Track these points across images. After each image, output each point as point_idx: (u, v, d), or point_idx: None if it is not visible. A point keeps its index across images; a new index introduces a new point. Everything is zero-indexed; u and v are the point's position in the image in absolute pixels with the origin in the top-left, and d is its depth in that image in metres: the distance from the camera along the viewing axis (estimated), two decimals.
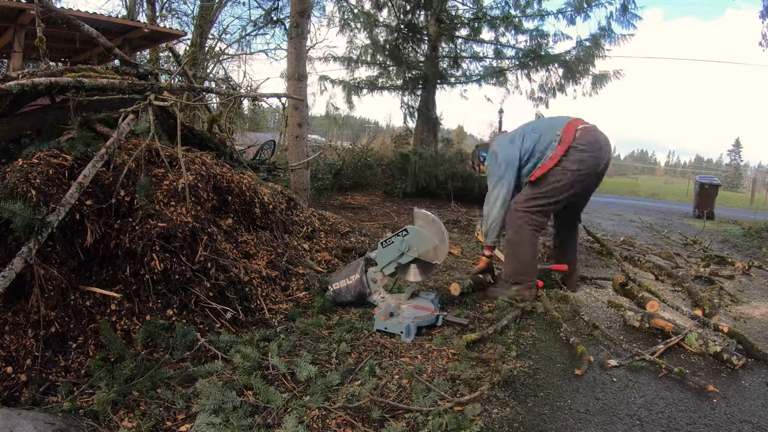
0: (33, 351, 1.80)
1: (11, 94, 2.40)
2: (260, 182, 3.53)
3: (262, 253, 2.93)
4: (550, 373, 2.08)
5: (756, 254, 5.33)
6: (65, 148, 2.39)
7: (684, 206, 12.54)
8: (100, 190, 2.34)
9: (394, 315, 2.43)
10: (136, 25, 7.41)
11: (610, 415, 1.76)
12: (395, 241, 2.55)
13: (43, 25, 2.92)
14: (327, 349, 2.16)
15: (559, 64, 9.47)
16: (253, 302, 2.54)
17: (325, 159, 8.99)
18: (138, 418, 1.56)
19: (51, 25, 3.69)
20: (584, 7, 8.96)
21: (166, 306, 2.22)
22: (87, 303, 2.07)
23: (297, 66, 5.75)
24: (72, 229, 2.17)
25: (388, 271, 2.62)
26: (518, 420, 1.70)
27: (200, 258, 2.39)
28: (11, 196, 1.99)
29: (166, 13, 12.12)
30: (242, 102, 10.78)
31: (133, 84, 2.92)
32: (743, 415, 1.79)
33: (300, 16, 5.72)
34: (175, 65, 5.89)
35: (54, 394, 1.70)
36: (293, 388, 1.79)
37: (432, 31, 9.82)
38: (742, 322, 2.89)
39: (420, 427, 1.61)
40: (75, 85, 2.61)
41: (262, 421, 1.57)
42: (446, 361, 2.13)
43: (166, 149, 2.76)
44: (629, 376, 2.07)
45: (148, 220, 2.34)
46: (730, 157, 57.12)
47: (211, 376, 1.83)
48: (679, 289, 3.46)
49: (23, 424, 1.37)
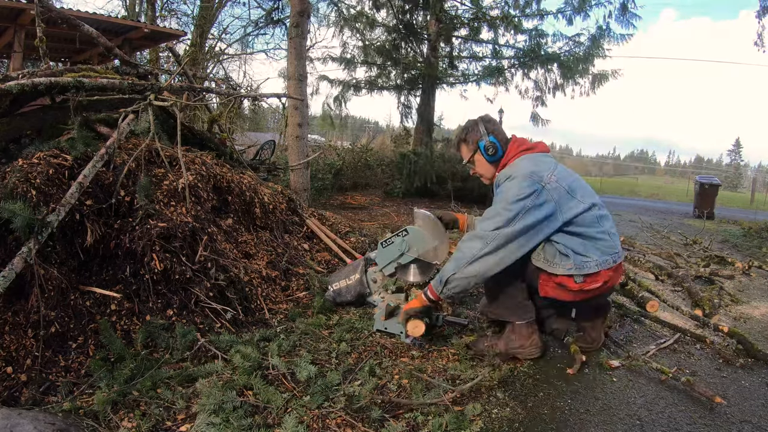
0: (33, 351, 1.80)
1: (11, 94, 2.40)
2: (260, 182, 3.53)
3: (262, 253, 2.93)
4: (550, 373, 2.08)
5: (756, 254, 5.33)
6: (65, 148, 2.39)
7: (684, 206, 12.55)
8: (100, 190, 2.34)
9: (394, 315, 2.43)
10: (136, 25, 7.42)
11: (610, 415, 1.76)
12: (395, 242, 2.55)
13: (43, 25, 2.92)
14: (327, 349, 2.16)
15: (558, 64, 9.49)
16: (253, 302, 2.54)
17: (325, 159, 8.99)
18: (138, 418, 1.56)
19: (51, 25, 3.69)
20: (583, 6, 8.97)
21: (166, 306, 2.22)
22: (87, 303, 2.07)
23: (297, 66, 5.75)
24: (72, 229, 2.17)
25: (388, 272, 2.62)
26: (518, 420, 1.70)
27: (200, 258, 2.39)
28: (11, 196, 1.99)
29: (166, 13, 12.13)
30: (242, 102, 10.78)
31: (133, 84, 2.92)
32: (743, 415, 1.79)
33: (300, 16, 5.72)
34: (175, 65, 5.89)
35: (54, 394, 1.70)
36: (293, 388, 1.79)
37: (431, 31, 9.82)
38: (742, 322, 2.90)
39: (420, 427, 1.61)
40: (75, 85, 2.61)
41: (262, 421, 1.57)
42: (446, 361, 2.13)
43: (166, 149, 2.76)
44: (629, 376, 2.07)
45: (148, 220, 2.34)
46: (730, 157, 57.13)
47: (211, 376, 1.83)
48: (679, 289, 3.46)
49: (23, 424, 1.37)
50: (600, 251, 2.02)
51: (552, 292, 2.09)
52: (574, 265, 2.00)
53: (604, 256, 2.02)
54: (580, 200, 2.04)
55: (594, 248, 2.02)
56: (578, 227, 2.03)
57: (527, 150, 2.17)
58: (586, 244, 2.02)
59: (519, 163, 2.11)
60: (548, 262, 2.04)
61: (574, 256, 2.01)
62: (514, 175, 2.05)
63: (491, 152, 2.19)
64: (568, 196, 2.03)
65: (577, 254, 2.01)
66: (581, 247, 2.02)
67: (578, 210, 2.02)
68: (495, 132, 2.22)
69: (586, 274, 2.00)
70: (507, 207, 1.99)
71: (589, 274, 2.01)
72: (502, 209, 2.01)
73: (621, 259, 2.11)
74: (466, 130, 2.30)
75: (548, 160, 2.15)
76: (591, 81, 9.70)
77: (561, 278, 2.04)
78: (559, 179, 2.04)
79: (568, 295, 2.07)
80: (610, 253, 2.04)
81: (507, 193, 2.02)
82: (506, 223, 1.98)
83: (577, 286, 2.02)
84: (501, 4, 9.70)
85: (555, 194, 2.01)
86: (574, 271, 2.00)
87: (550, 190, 2.00)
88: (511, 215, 1.97)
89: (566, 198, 2.03)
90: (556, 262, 2.03)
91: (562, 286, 2.05)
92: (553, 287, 2.07)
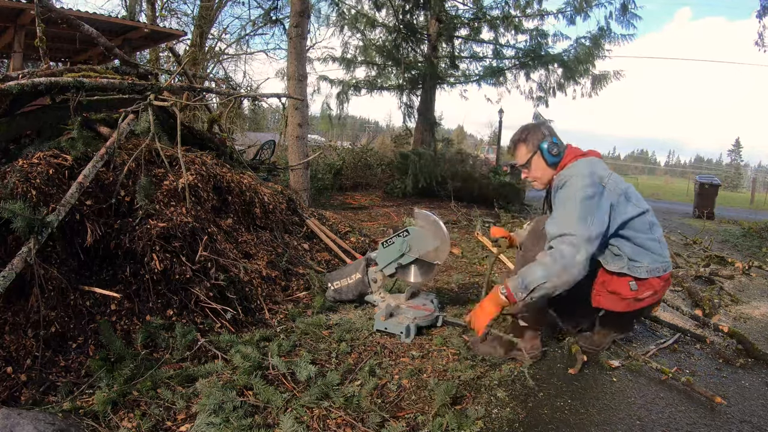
0: (33, 351, 1.80)
1: (11, 94, 2.40)
2: (260, 182, 3.53)
3: (262, 253, 2.93)
4: (550, 373, 2.08)
5: (756, 254, 5.33)
6: (65, 148, 2.39)
7: (684, 206, 12.54)
8: (100, 190, 2.34)
9: (394, 315, 2.43)
10: (136, 25, 7.41)
11: (610, 415, 1.76)
12: (396, 242, 2.55)
13: (43, 25, 2.92)
14: (327, 349, 2.16)
15: (559, 64, 9.49)
16: (253, 302, 2.54)
17: (325, 159, 9.00)
18: (138, 418, 1.56)
19: (51, 25, 3.68)
20: (584, 7, 8.97)
21: (166, 306, 2.22)
22: (87, 303, 2.07)
23: (297, 66, 5.76)
24: (72, 229, 2.17)
25: (389, 272, 2.62)
26: (518, 420, 1.70)
27: (200, 258, 2.39)
28: (11, 196, 1.99)
29: (166, 13, 12.12)
30: (242, 102, 10.79)
31: (133, 84, 2.92)
32: (743, 415, 1.79)
33: (300, 16, 5.72)
34: (175, 65, 5.89)
35: (54, 394, 1.69)
36: (293, 388, 1.79)
37: (431, 31, 9.82)
38: (742, 322, 2.90)
39: (420, 427, 1.61)
40: (75, 85, 2.61)
41: (262, 421, 1.57)
42: (446, 361, 2.13)
43: (166, 149, 2.76)
44: (629, 376, 2.07)
45: (148, 220, 2.34)
46: (730, 157, 57.16)
47: (211, 376, 1.83)
48: (679, 289, 3.46)
49: (23, 424, 1.37)
50: (650, 258, 2.02)
51: (605, 301, 2.07)
52: (627, 266, 2.01)
53: (654, 264, 2.02)
54: (635, 204, 2.04)
55: (645, 254, 2.02)
56: (631, 231, 2.02)
57: (582, 155, 2.16)
58: (638, 250, 2.02)
59: (578, 164, 2.09)
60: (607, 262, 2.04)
61: (626, 260, 2.02)
62: (577, 175, 2.02)
63: (555, 152, 2.12)
64: (624, 199, 2.03)
65: (629, 259, 2.02)
66: (632, 252, 2.02)
67: (633, 213, 2.02)
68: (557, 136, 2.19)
69: (637, 278, 2.00)
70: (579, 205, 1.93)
71: (640, 279, 2.00)
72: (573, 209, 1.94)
73: (670, 269, 2.10)
74: (527, 131, 2.22)
75: (603, 164, 2.14)
76: (592, 81, 9.69)
77: (614, 284, 2.03)
78: (617, 182, 2.05)
79: (621, 305, 2.05)
80: (661, 261, 2.04)
81: (576, 195, 1.96)
82: (584, 222, 1.91)
83: (631, 294, 2.00)
84: (501, 4, 9.70)
85: (614, 196, 2.00)
86: (626, 270, 2.00)
87: (610, 191, 2.00)
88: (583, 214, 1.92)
89: (623, 201, 2.02)
90: (609, 261, 2.03)
91: (615, 294, 2.03)
92: (606, 296, 2.05)
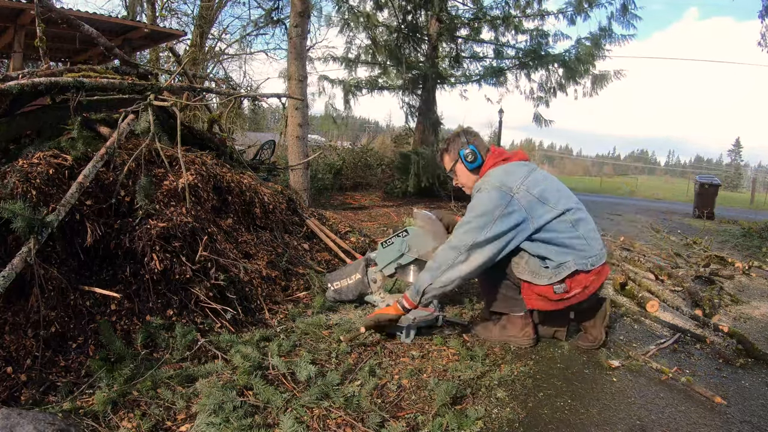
0: (33, 351, 1.80)
1: (11, 94, 2.40)
2: (260, 182, 3.53)
3: (262, 253, 2.93)
4: (549, 373, 2.08)
5: (756, 254, 5.33)
6: (65, 148, 2.39)
7: (684, 206, 12.55)
8: (100, 190, 2.34)
9: None
10: (136, 25, 7.42)
11: (610, 415, 1.76)
12: (395, 242, 2.55)
13: (43, 25, 2.92)
14: (327, 349, 2.16)
15: (560, 64, 9.48)
16: (253, 302, 2.54)
17: (326, 159, 9.00)
18: (138, 418, 1.56)
19: (51, 25, 3.68)
20: (584, 7, 8.97)
21: (166, 306, 2.22)
22: (87, 303, 2.07)
23: (297, 66, 5.76)
24: (72, 229, 2.17)
25: (388, 272, 2.62)
26: (518, 420, 1.70)
27: (200, 258, 2.39)
28: (11, 196, 1.99)
29: (166, 13, 12.13)
30: (242, 102, 10.78)
31: (133, 84, 2.92)
32: (743, 415, 1.79)
33: (300, 16, 5.72)
34: (175, 65, 5.89)
35: (54, 394, 1.69)
36: (293, 388, 1.79)
37: (432, 31, 9.82)
38: (742, 322, 2.90)
39: (420, 427, 1.61)
40: (75, 85, 2.61)
41: (262, 421, 1.57)
42: (446, 361, 2.13)
43: (166, 149, 2.76)
44: (629, 376, 2.07)
45: (148, 220, 2.34)
46: (730, 157, 57.16)
47: (211, 376, 1.83)
48: (679, 289, 3.46)
49: (23, 424, 1.36)
50: (575, 255, 2.09)
51: (535, 303, 2.19)
52: (554, 273, 2.09)
53: (580, 260, 2.09)
54: (552, 207, 2.12)
55: (568, 253, 2.10)
56: (552, 233, 2.11)
57: (504, 160, 2.26)
58: (560, 250, 2.10)
59: (491, 173, 2.21)
60: (534, 274, 2.13)
61: (551, 263, 2.11)
62: (484, 187, 2.16)
63: (470, 159, 2.28)
64: (538, 204, 2.11)
65: (553, 261, 2.10)
66: (556, 254, 2.10)
67: (550, 216, 2.10)
68: (475, 143, 2.33)
69: (562, 279, 2.08)
70: (476, 217, 2.09)
71: (569, 275, 2.08)
72: (472, 218, 2.10)
73: (601, 262, 2.16)
74: (448, 141, 2.45)
75: (521, 169, 2.21)
76: (592, 81, 9.69)
77: (541, 288, 2.13)
78: (529, 188, 2.12)
79: (550, 305, 2.16)
80: (587, 257, 2.10)
81: (477, 204, 2.13)
82: (476, 232, 2.06)
83: (556, 296, 2.10)
84: (501, 4, 9.69)
85: (524, 202, 2.09)
86: (554, 279, 2.08)
87: (519, 199, 2.09)
88: (480, 225, 2.07)
89: (537, 205, 2.10)
90: (542, 274, 2.11)
91: (542, 296, 2.13)
92: (536, 298, 2.17)
